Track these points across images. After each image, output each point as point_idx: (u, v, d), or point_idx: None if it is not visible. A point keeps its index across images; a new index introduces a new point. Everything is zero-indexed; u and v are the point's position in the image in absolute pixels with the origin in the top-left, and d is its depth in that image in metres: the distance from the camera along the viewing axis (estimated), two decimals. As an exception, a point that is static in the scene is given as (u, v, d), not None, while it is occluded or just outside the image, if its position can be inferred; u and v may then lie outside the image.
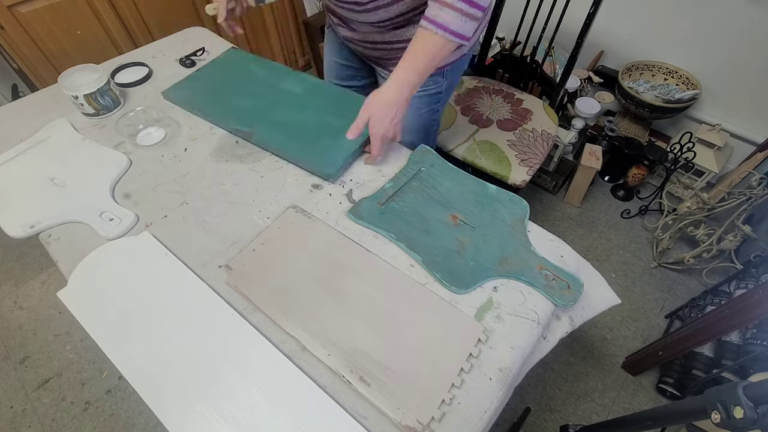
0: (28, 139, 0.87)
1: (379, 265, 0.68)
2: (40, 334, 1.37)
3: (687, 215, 1.45)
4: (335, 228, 0.73)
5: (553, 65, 1.77)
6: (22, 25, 1.25)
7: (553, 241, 0.75)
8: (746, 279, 1.24)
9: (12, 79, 1.48)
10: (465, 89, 1.39)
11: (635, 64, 1.68)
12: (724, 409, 0.50)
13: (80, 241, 0.72)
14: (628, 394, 1.26)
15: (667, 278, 1.51)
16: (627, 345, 1.36)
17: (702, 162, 1.56)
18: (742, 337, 1.11)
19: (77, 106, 0.91)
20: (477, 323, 0.62)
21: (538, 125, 1.27)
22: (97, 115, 0.93)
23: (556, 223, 1.68)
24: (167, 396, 0.56)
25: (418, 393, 0.55)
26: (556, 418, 1.22)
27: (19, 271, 1.53)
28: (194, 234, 0.73)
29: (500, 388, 0.58)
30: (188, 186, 0.81)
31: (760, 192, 1.26)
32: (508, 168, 1.14)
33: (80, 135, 0.89)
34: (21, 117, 0.94)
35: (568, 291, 0.67)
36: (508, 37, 1.96)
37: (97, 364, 1.31)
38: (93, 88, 0.88)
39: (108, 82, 0.91)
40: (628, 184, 1.74)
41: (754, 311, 0.92)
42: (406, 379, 0.56)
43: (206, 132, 0.91)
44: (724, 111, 1.61)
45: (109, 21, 1.43)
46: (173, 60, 1.10)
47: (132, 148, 0.87)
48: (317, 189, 0.81)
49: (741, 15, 1.39)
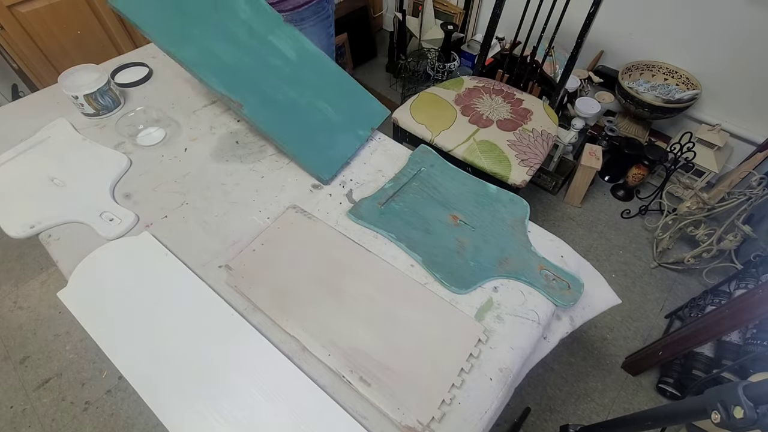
0: (28, 139, 0.87)
1: (379, 265, 0.68)
2: (40, 334, 1.37)
3: (687, 215, 1.45)
4: (335, 228, 0.73)
5: (553, 65, 1.77)
6: (22, 25, 1.25)
7: (553, 241, 0.75)
8: (746, 279, 1.24)
9: (12, 79, 1.48)
10: (465, 89, 1.39)
11: (635, 64, 1.68)
12: (724, 409, 0.50)
13: (80, 242, 0.72)
14: (628, 394, 1.26)
15: (667, 278, 1.52)
16: (627, 345, 1.36)
17: (702, 162, 1.56)
18: (742, 337, 1.11)
19: (77, 107, 0.91)
20: (477, 323, 0.62)
21: (538, 125, 1.27)
22: (98, 115, 0.93)
23: (556, 223, 1.68)
24: (167, 396, 0.56)
25: (418, 393, 0.55)
26: (556, 418, 1.22)
27: (19, 271, 1.53)
28: (194, 234, 0.73)
29: (500, 389, 0.58)
30: (188, 186, 0.81)
31: (760, 192, 1.26)
32: (508, 168, 1.14)
33: (80, 135, 0.89)
34: (21, 117, 0.94)
35: (569, 291, 0.67)
36: (508, 37, 1.96)
37: (97, 364, 1.31)
38: (93, 89, 0.88)
39: (108, 82, 0.90)
40: (628, 184, 1.74)
41: (754, 311, 0.92)
42: (406, 379, 0.56)
43: (206, 132, 0.91)
44: (724, 111, 1.61)
45: (109, 21, 1.43)
46: (173, 60, 1.10)
47: (132, 148, 0.87)
48: (317, 189, 0.81)
49: (741, 15, 1.39)
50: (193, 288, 0.65)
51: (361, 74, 2.32)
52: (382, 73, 2.33)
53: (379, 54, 2.42)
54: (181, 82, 1.02)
